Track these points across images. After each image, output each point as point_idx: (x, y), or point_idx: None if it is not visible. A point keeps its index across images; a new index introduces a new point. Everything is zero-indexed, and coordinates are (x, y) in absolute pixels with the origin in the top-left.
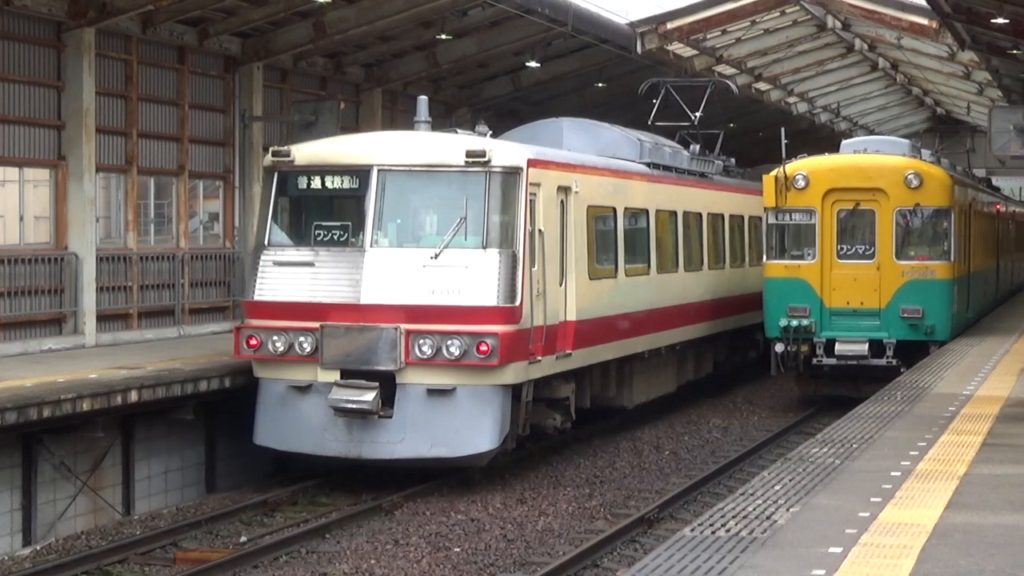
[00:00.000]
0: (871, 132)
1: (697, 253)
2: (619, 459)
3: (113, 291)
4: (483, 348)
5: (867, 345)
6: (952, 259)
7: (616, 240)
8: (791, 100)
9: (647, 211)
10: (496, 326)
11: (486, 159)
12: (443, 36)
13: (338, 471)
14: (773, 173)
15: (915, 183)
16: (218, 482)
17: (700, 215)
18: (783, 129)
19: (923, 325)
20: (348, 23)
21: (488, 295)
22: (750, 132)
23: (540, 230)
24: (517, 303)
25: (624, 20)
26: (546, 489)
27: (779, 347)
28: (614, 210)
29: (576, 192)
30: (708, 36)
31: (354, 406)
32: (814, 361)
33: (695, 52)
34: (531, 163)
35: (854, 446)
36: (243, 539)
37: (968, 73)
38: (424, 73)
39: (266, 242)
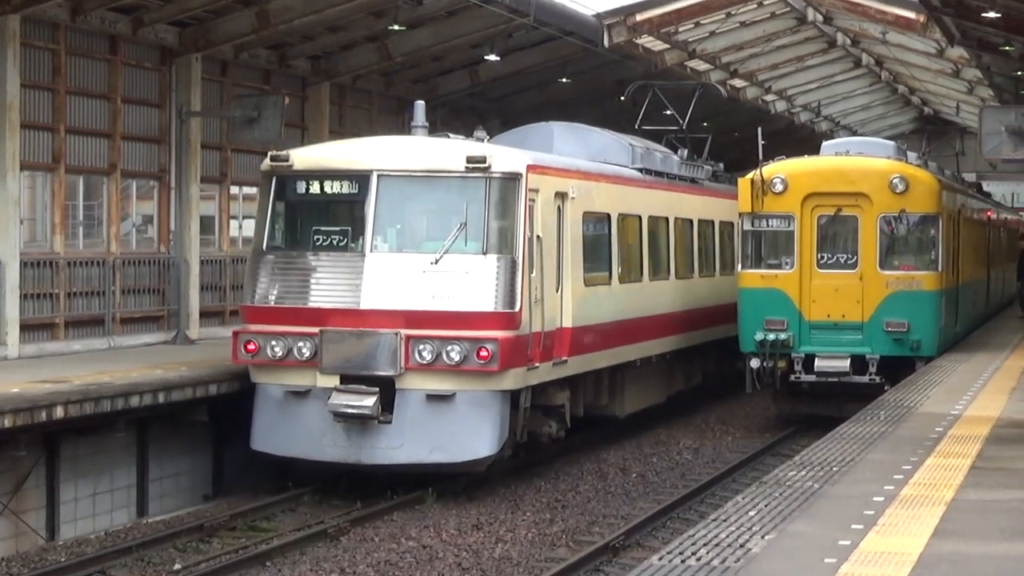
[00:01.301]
0: (854, 133)
1: (688, 260)
2: (582, 482)
3: (38, 299)
4: (483, 353)
5: (848, 361)
6: (940, 269)
7: (610, 247)
8: (769, 98)
9: (640, 217)
10: (496, 331)
11: (486, 165)
12: (396, 27)
13: (273, 494)
14: (749, 176)
15: (900, 188)
16: (150, 505)
17: (691, 221)
18: (759, 129)
19: (908, 340)
20: (294, 12)
21: (488, 300)
22: (725, 132)
23: (538, 236)
24: (517, 309)
25: (590, 11)
26: (504, 514)
27: (754, 363)
28: (608, 216)
29: (572, 198)
30: (680, 29)
31: (354, 411)
32: (792, 378)
33: (666, 46)
34: (530, 169)
35: (834, 469)
36: (177, 567)
37: (957, 71)
38: (375, 66)
39: (264, 247)
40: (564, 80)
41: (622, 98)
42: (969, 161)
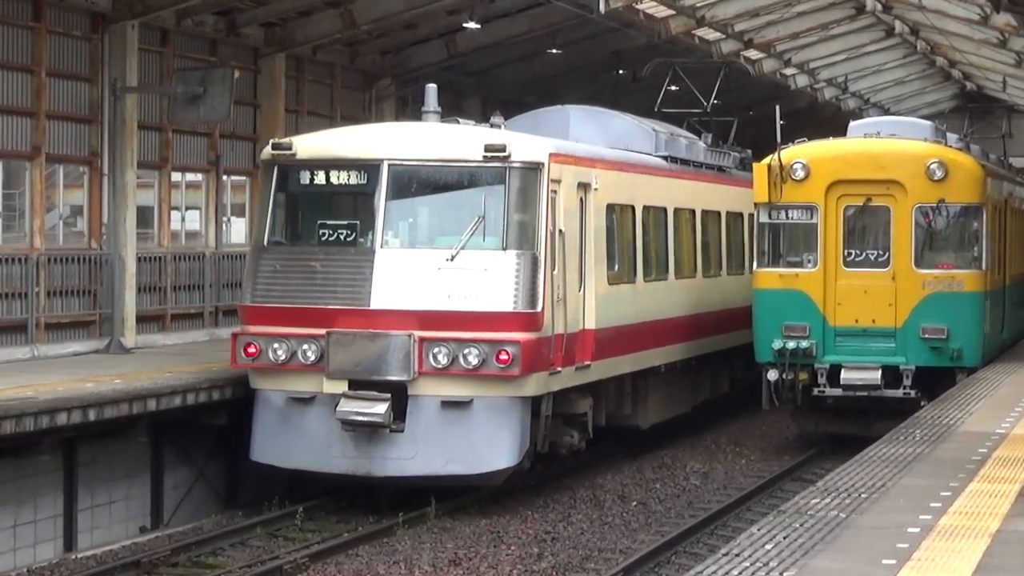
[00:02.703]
0: (886, 112)
1: (716, 257)
2: (575, 511)
3: None
4: (503, 357)
5: (879, 372)
6: (984, 267)
7: (635, 242)
8: (788, 72)
9: (665, 210)
10: (517, 333)
11: (506, 153)
12: None
13: (221, 525)
14: (766, 161)
15: (939, 174)
16: (79, 538)
17: (719, 214)
18: (778, 107)
19: (948, 348)
20: None
21: (508, 300)
22: (739, 111)
23: (560, 230)
24: (539, 309)
25: None
26: (485, 547)
27: (772, 375)
28: (633, 209)
29: (595, 189)
30: None
31: (364, 419)
32: (815, 392)
33: (671, 12)
34: (552, 158)
35: (863, 496)
36: None
37: (1004, 40)
38: (338, 35)
39: (265, 242)
40: (553, 51)
41: (620, 72)
42: (1017, 144)
